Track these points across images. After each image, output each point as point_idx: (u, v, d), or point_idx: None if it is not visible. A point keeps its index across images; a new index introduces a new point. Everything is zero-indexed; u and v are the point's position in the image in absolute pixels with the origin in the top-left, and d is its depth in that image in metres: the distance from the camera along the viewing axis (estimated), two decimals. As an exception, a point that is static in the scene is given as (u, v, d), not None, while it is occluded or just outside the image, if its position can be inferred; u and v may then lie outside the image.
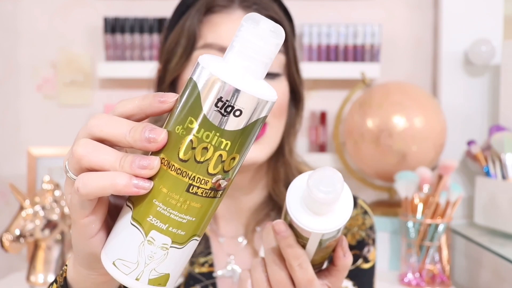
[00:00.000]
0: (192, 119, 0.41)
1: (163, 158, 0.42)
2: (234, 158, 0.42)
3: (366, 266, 0.81)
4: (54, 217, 1.37)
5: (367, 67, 1.68)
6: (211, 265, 0.83)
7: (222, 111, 0.41)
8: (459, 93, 1.72)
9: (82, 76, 1.77)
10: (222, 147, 0.41)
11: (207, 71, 0.41)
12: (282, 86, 0.78)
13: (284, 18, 0.81)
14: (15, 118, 1.78)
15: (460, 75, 1.72)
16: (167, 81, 0.78)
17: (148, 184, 0.42)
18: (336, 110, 1.71)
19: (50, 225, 1.37)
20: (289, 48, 0.79)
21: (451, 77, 1.72)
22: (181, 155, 0.41)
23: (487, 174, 1.55)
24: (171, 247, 0.43)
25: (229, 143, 0.41)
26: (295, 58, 0.81)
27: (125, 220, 0.44)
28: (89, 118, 1.69)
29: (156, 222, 0.43)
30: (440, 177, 1.40)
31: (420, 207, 1.40)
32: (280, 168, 0.83)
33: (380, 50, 1.71)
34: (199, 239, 0.45)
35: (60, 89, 1.78)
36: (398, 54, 1.79)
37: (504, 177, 1.51)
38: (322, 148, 1.73)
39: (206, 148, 0.41)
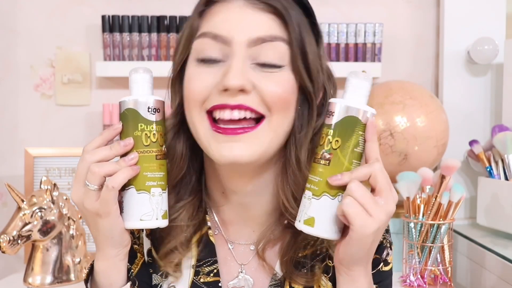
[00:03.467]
0: None
1: (137, 151, 0.71)
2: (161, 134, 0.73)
3: (386, 268, 0.83)
4: (52, 218, 1.36)
5: (368, 66, 1.66)
6: (217, 274, 0.81)
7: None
8: (461, 92, 1.70)
9: (80, 75, 1.76)
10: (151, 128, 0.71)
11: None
12: (282, 78, 0.72)
13: (291, 5, 0.74)
14: (12, 118, 1.77)
15: (463, 74, 1.70)
16: (174, 71, 0.79)
17: (137, 166, 0.70)
18: (337, 109, 1.69)
19: (47, 226, 1.35)
20: (292, 38, 0.72)
21: (453, 76, 1.70)
22: (145, 143, 0.71)
23: (490, 174, 1.53)
24: (163, 192, 0.72)
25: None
26: (302, 50, 0.73)
27: (132, 195, 0.70)
28: (87, 117, 1.65)
29: (151, 183, 0.71)
30: (442, 178, 1.39)
31: (422, 207, 1.38)
32: (288, 179, 0.76)
33: (381, 49, 1.70)
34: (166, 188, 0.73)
35: (58, 88, 1.76)
36: (400, 53, 1.77)
37: (507, 177, 1.49)
38: (322, 148, 1.71)
39: (148, 136, 0.71)
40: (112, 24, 1.68)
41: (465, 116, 1.70)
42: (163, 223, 0.73)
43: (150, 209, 0.71)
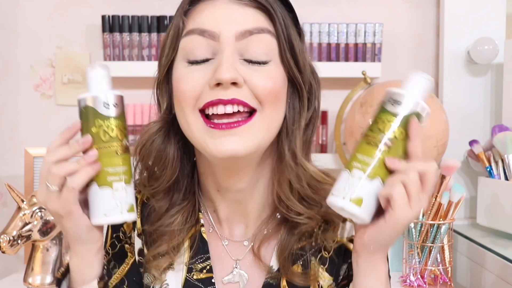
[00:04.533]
0: None
1: (96, 147, 0.70)
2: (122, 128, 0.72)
3: None
4: (52, 218, 1.36)
5: (368, 66, 1.66)
6: (210, 270, 0.82)
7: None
8: (461, 92, 1.70)
9: (80, 75, 1.76)
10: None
11: None
12: (272, 72, 0.73)
13: (274, 0, 0.75)
14: (12, 118, 1.77)
15: (463, 74, 1.70)
16: (161, 73, 0.79)
17: (98, 164, 0.69)
18: (337, 109, 1.69)
19: (47, 226, 1.35)
20: (279, 31, 0.74)
21: (453, 76, 1.70)
22: (103, 139, 0.69)
23: (490, 174, 1.53)
24: (127, 186, 0.71)
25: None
26: (289, 43, 0.75)
27: (95, 191, 0.70)
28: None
29: (113, 178, 0.70)
30: (442, 178, 1.38)
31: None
32: (285, 172, 0.76)
33: (381, 49, 1.70)
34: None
35: (58, 88, 1.76)
36: (400, 53, 1.77)
37: (507, 177, 1.49)
38: (323, 148, 1.71)
39: (106, 131, 0.70)
40: (112, 24, 1.68)
41: (465, 116, 1.70)
42: (129, 217, 0.71)
43: (113, 204, 0.70)
